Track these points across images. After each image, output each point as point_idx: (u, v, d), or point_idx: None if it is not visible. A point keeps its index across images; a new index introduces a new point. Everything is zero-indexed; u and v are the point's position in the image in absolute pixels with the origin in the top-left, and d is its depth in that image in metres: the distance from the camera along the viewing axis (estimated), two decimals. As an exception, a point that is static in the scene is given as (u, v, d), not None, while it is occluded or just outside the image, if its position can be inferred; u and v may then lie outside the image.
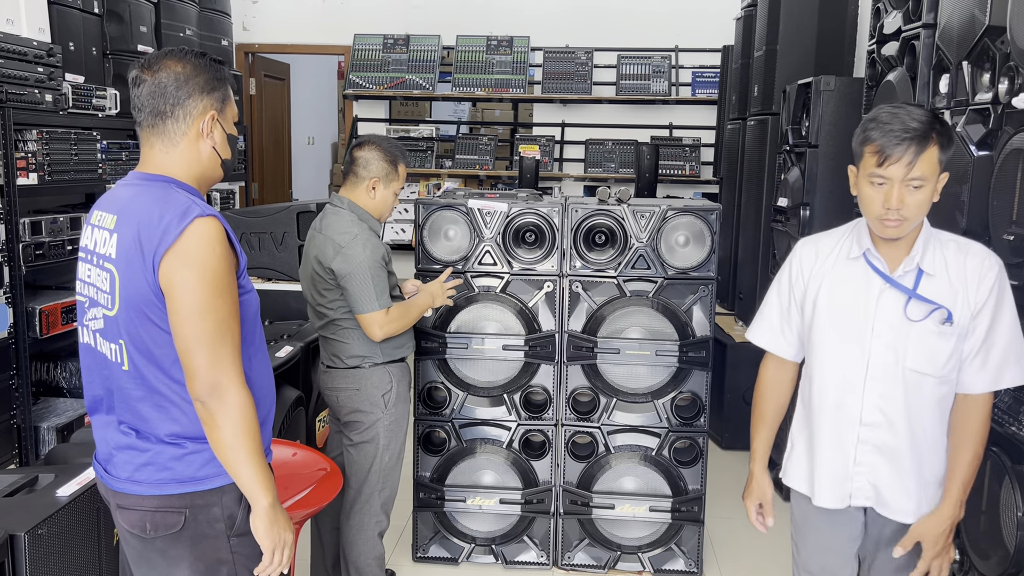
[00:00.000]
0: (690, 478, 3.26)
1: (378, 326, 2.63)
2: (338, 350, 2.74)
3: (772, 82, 4.51)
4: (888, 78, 2.96)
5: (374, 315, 2.62)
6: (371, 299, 2.62)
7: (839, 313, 1.93)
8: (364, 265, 2.61)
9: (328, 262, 2.64)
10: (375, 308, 2.62)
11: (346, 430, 2.79)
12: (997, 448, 2.20)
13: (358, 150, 2.77)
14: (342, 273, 2.62)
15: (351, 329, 2.71)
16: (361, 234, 2.66)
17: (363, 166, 2.74)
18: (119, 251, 1.60)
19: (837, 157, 3.80)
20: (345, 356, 2.73)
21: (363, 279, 2.61)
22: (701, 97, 6.56)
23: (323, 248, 2.67)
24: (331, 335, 2.75)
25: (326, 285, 2.68)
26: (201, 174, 1.73)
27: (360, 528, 2.79)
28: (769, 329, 2.10)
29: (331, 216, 2.73)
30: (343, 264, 2.61)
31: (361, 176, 2.74)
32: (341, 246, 2.62)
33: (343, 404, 2.76)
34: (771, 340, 2.10)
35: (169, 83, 1.66)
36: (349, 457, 2.79)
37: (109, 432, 1.70)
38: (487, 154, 6.73)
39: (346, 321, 2.71)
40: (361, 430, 2.74)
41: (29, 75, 3.60)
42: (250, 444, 1.62)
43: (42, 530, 1.90)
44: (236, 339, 1.62)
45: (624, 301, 3.17)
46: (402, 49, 6.67)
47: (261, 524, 1.67)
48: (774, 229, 4.28)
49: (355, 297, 2.63)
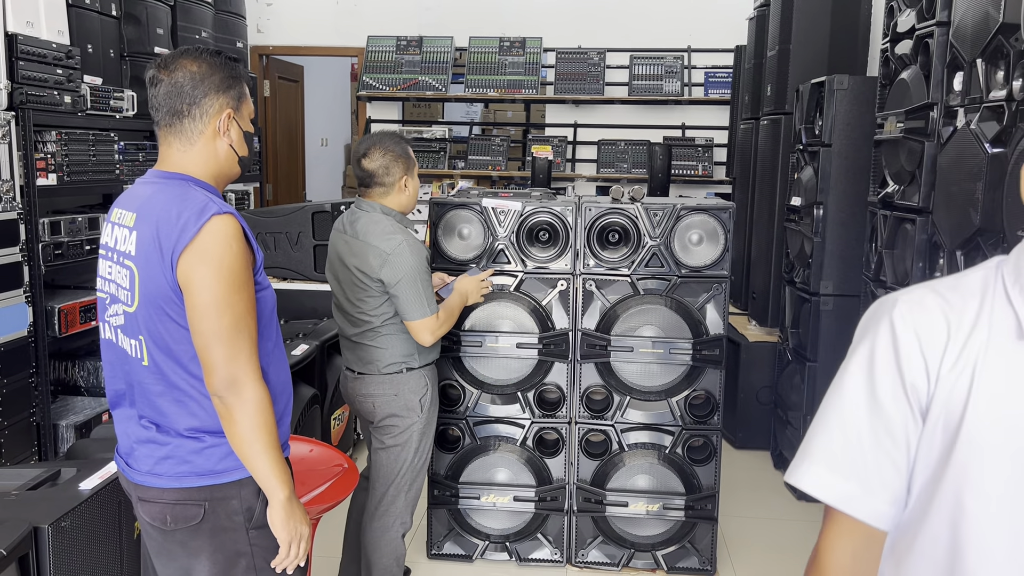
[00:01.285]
0: (704, 476, 3.26)
1: (429, 332, 2.62)
2: (375, 356, 2.69)
3: (785, 81, 4.51)
4: (902, 76, 2.96)
5: (426, 321, 2.61)
6: (422, 305, 2.60)
7: (1015, 436, 0.97)
8: (414, 272, 2.58)
9: (375, 272, 2.59)
10: (427, 314, 2.60)
11: (378, 434, 2.75)
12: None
13: (368, 161, 2.68)
14: (392, 281, 2.58)
15: (391, 336, 2.67)
16: (406, 239, 2.62)
17: (385, 173, 2.68)
18: (138, 248, 1.63)
19: (851, 156, 3.80)
20: (382, 363, 2.68)
21: (414, 286, 2.58)
22: (714, 97, 6.55)
23: (363, 255, 2.61)
24: (369, 342, 2.69)
25: (369, 293, 2.63)
26: (219, 172, 1.75)
27: (385, 529, 2.76)
28: (843, 470, 1.06)
29: (365, 220, 2.67)
30: (392, 272, 2.57)
31: (388, 184, 2.69)
32: (387, 253, 2.58)
33: (378, 410, 2.71)
34: (849, 492, 1.05)
35: (185, 82, 1.68)
36: (378, 459, 2.76)
37: (130, 426, 1.73)
38: (500, 155, 6.75)
39: (386, 328, 2.66)
40: (395, 434, 2.70)
41: (48, 77, 3.64)
42: (267, 438, 1.64)
43: (65, 523, 1.93)
44: (253, 335, 1.65)
45: (638, 299, 3.19)
46: (415, 51, 6.70)
47: (278, 517, 1.69)
48: (787, 228, 4.28)
49: (407, 304, 2.59)
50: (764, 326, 4.76)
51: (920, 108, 2.77)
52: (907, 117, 2.85)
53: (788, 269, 4.29)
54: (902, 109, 2.89)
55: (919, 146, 2.78)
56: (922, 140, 2.76)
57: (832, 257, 3.88)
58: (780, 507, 4.02)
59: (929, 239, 2.72)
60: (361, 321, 2.68)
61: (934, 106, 2.70)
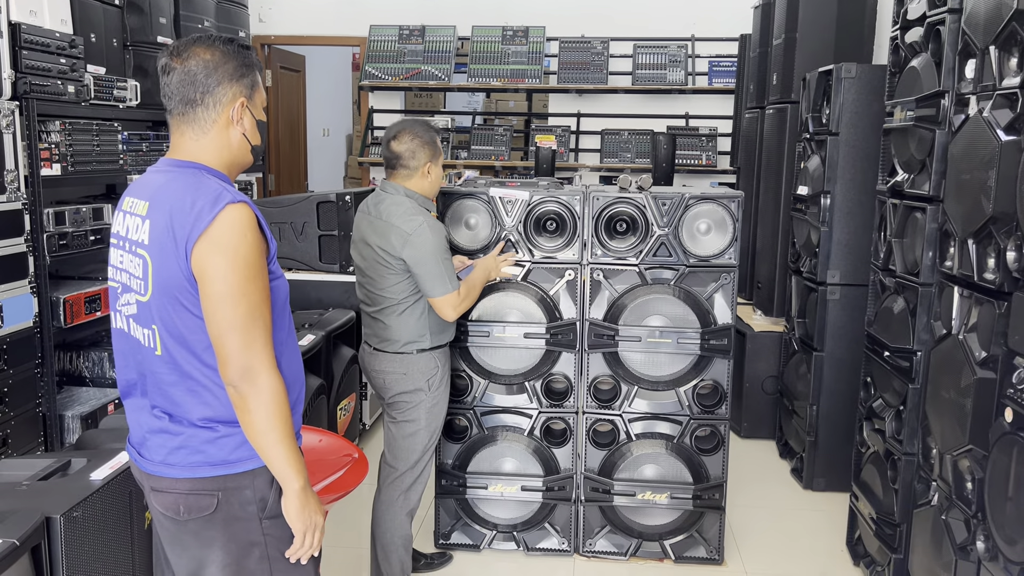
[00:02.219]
0: (711, 466, 3.26)
1: (452, 307, 2.71)
2: (389, 335, 2.78)
3: (791, 70, 4.49)
4: (912, 64, 2.94)
5: (448, 297, 2.69)
6: (444, 282, 2.68)
7: None
8: (435, 250, 2.67)
9: (396, 251, 2.67)
10: (448, 290, 2.69)
11: (389, 409, 2.87)
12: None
13: (397, 144, 2.78)
14: (415, 260, 2.67)
15: (406, 315, 2.75)
16: (426, 220, 2.71)
17: (411, 157, 2.77)
18: (152, 237, 1.62)
19: (858, 145, 3.78)
20: (396, 342, 2.77)
21: (435, 264, 2.67)
22: (718, 86, 6.53)
23: (385, 235, 2.70)
24: (385, 319, 2.78)
25: (391, 270, 2.71)
26: (231, 160, 1.74)
27: (389, 504, 2.85)
28: None
29: (389, 202, 2.76)
30: (414, 251, 2.66)
31: (413, 167, 2.78)
32: (408, 233, 2.66)
33: (389, 386, 2.82)
34: None
35: (198, 71, 1.66)
36: (388, 433, 2.87)
37: (143, 416, 1.72)
38: (503, 145, 6.73)
39: (403, 306, 2.75)
40: (404, 410, 2.81)
41: (52, 66, 3.62)
42: (282, 428, 1.64)
43: (77, 513, 1.92)
44: (268, 324, 1.64)
45: (645, 289, 3.18)
46: (418, 40, 6.67)
47: (292, 507, 1.68)
48: (794, 218, 4.26)
49: (429, 282, 2.68)
50: (769, 316, 4.76)
51: (931, 96, 2.75)
52: (917, 105, 2.83)
53: (794, 259, 4.27)
54: (912, 97, 2.87)
55: (929, 134, 2.76)
56: (933, 128, 2.74)
57: (839, 246, 3.87)
58: (786, 497, 4.02)
59: (940, 228, 2.71)
60: (381, 298, 2.77)
61: (945, 94, 2.68)
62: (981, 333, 2.42)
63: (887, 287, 3.12)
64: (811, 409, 4.00)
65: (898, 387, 2.97)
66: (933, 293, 2.75)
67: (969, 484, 2.45)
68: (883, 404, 3.12)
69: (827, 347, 3.94)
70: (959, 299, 2.56)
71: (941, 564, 2.59)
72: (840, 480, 3.98)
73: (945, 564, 2.56)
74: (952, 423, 2.52)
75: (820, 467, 4.03)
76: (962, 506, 2.47)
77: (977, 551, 2.37)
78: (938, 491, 2.66)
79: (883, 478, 3.08)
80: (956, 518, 2.52)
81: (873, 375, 3.21)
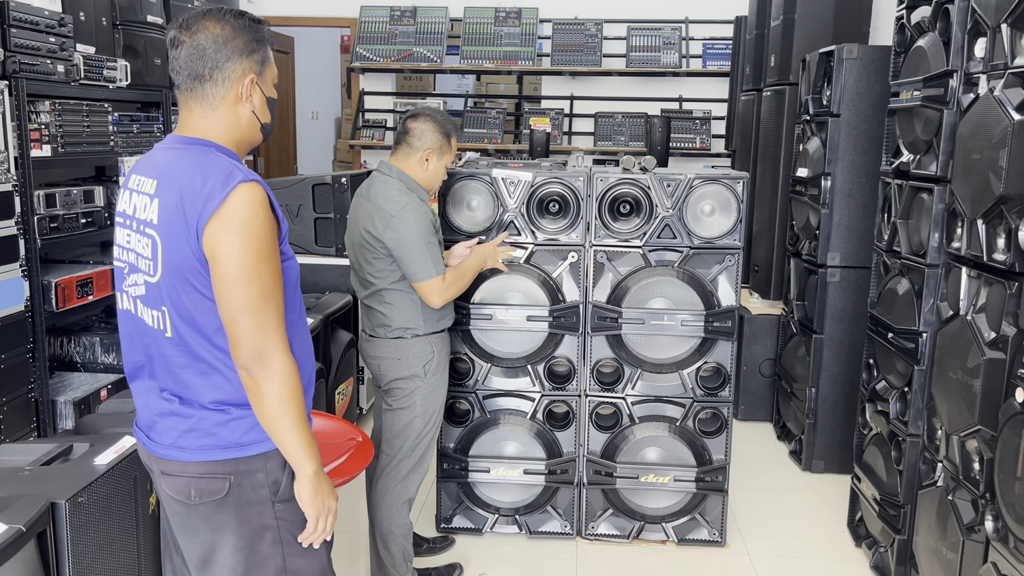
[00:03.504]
0: (714, 448, 3.25)
1: (436, 293, 2.63)
2: (383, 320, 2.72)
3: (790, 52, 4.47)
4: (919, 44, 2.92)
5: (432, 282, 2.62)
6: (427, 266, 2.60)
7: None
8: (417, 233, 2.59)
9: (379, 233, 2.60)
10: (432, 275, 2.61)
11: (385, 396, 2.81)
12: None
13: (412, 121, 2.73)
14: (395, 244, 2.59)
15: (396, 299, 2.69)
16: (411, 203, 2.63)
17: (417, 137, 2.71)
18: (161, 217, 1.57)
19: (860, 126, 3.76)
20: (390, 327, 2.71)
21: (417, 247, 2.59)
22: (712, 69, 6.50)
23: (371, 217, 2.63)
24: (375, 305, 2.72)
25: (375, 255, 2.65)
26: (240, 138, 1.70)
27: (385, 492, 2.80)
28: None
29: (379, 184, 2.70)
30: (395, 234, 2.59)
31: (415, 147, 2.71)
32: (391, 215, 2.59)
33: (384, 373, 2.76)
34: None
35: (208, 45, 1.61)
36: (384, 421, 2.82)
37: (151, 399, 1.68)
38: (495, 127, 6.68)
39: (391, 292, 2.68)
40: (400, 397, 2.75)
41: (41, 45, 3.54)
42: (295, 411, 1.60)
43: (82, 498, 1.88)
44: (280, 306, 1.60)
45: (649, 271, 3.15)
46: (409, 21, 6.60)
47: (306, 491, 1.65)
48: (793, 200, 4.25)
49: (411, 266, 2.61)
50: (767, 299, 4.75)
51: (939, 76, 2.73)
52: (925, 85, 2.81)
53: (793, 241, 4.26)
54: (919, 77, 2.85)
55: (937, 114, 2.75)
56: (940, 108, 2.72)
57: (840, 228, 3.86)
58: (785, 478, 4.02)
59: (947, 208, 2.70)
60: (368, 283, 2.72)
61: (954, 73, 2.66)
62: (990, 314, 2.42)
63: (891, 268, 3.11)
64: (810, 391, 4.00)
65: (902, 368, 2.97)
66: (940, 274, 2.74)
67: (976, 465, 2.45)
68: (887, 386, 3.12)
69: (827, 329, 3.94)
70: (967, 280, 2.55)
71: (947, 544, 2.59)
72: (839, 462, 3.99)
73: (951, 544, 2.56)
74: (959, 404, 2.52)
75: (819, 449, 4.03)
76: (969, 486, 2.47)
77: (985, 531, 2.38)
78: (944, 472, 2.66)
79: (886, 459, 3.08)
80: (963, 498, 2.52)
81: (876, 357, 3.21)
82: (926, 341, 2.81)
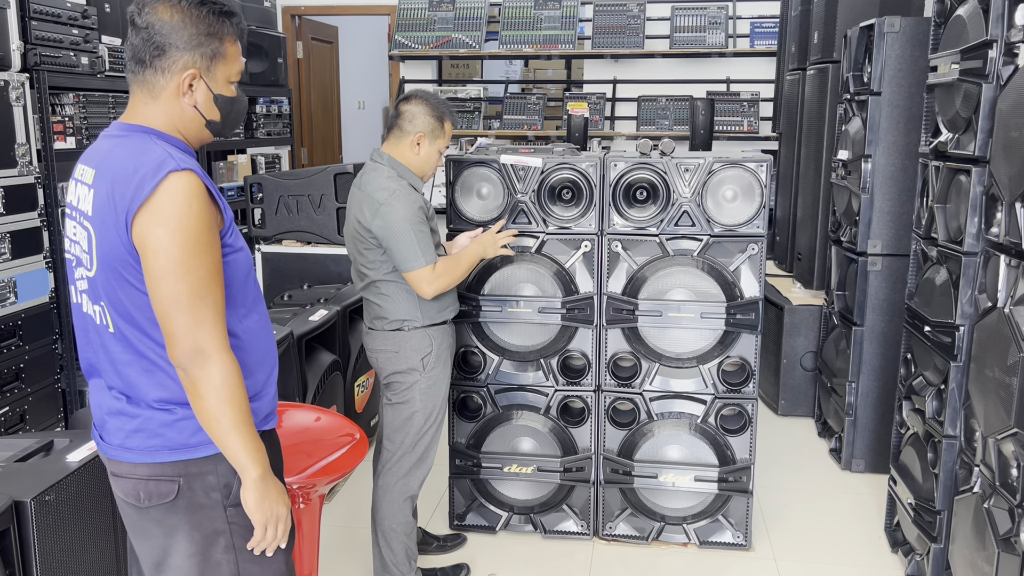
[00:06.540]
0: (738, 447, 3.09)
1: (426, 283, 2.53)
2: (379, 312, 2.65)
3: (834, 27, 4.22)
4: (958, 12, 2.69)
5: (421, 272, 2.51)
6: (416, 255, 2.50)
7: None
8: (405, 221, 2.49)
9: (368, 223, 2.53)
10: (421, 264, 2.51)
11: (385, 390, 2.75)
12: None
13: (404, 104, 2.64)
14: (383, 232, 2.51)
15: (391, 291, 2.61)
16: (399, 190, 2.53)
17: (408, 120, 2.61)
18: (95, 208, 1.51)
19: (902, 105, 3.52)
20: (386, 319, 2.63)
21: (405, 235, 2.49)
22: (760, 49, 6.23)
23: (361, 206, 2.56)
24: (372, 297, 2.66)
25: (367, 245, 2.57)
26: (185, 131, 1.61)
27: (386, 489, 2.73)
28: None
29: (370, 172, 2.62)
30: (383, 222, 2.50)
31: (406, 131, 2.62)
32: (379, 203, 2.51)
33: (382, 366, 2.69)
34: None
35: (154, 31, 1.54)
36: (384, 415, 2.76)
37: (102, 397, 1.63)
38: (535, 114, 6.55)
39: (385, 283, 2.60)
40: (399, 391, 2.68)
41: (64, 37, 3.56)
42: (236, 413, 1.52)
43: (50, 496, 1.85)
44: (218, 302, 1.51)
45: (667, 261, 3.00)
46: (448, 7, 6.50)
47: (251, 497, 1.57)
48: (833, 184, 4.02)
49: (399, 255, 2.52)
50: (809, 288, 4.52)
51: (977, 47, 2.50)
52: (963, 57, 2.58)
53: (834, 227, 4.03)
54: (957, 49, 2.62)
55: (976, 88, 2.52)
56: (979, 82, 2.49)
57: (881, 214, 3.62)
58: (823, 478, 3.82)
59: (985, 191, 2.47)
60: (364, 274, 2.65)
61: (993, 43, 2.43)
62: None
63: (929, 257, 2.89)
64: (850, 386, 3.78)
65: (939, 364, 2.75)
66: (978, 263, 2.52)
67: (1014, 471, 2.24)
68: (923, 382, 2.90)
69: (867, 321, 3.71)
70: (1006, 269, 2.34)
71: (983, 556, 2.39)
72: (881, 461, 3.76)
73: (987, 556, 2.36)
74: (996, 404, 2.31)
75: (860, 447, 3.82)
76: (1006, 494, 2.27)
77: (1021, 543, 2.18)
78: (980, 477, 2.46)
79: (923, 462, 2.87)
80: (999, 507, 2.32)
81: (913, 351, 3.00)
82: (963, 335, 2.59)
